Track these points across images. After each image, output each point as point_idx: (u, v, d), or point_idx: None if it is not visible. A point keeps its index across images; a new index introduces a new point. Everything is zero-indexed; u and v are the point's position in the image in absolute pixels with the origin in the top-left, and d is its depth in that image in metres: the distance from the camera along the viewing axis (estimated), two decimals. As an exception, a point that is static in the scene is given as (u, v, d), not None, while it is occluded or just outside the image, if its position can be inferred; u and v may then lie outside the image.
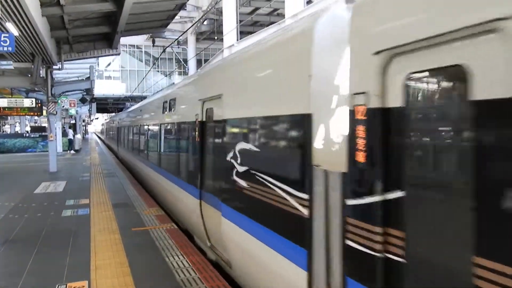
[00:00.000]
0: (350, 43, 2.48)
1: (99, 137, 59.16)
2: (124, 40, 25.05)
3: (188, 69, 32.82)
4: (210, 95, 5.40)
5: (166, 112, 8.71)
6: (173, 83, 9.57)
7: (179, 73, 44.90)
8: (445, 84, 1.96)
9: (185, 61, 37.38)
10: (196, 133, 5.98)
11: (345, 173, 2.46)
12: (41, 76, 15.35)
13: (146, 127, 11.58)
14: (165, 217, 7.62)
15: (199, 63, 34.76)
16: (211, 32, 35.61)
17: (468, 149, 1.75)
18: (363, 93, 2.29)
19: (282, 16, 27.53)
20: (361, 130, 2.32)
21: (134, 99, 31.19)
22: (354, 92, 2.39)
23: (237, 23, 21.14)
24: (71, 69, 24.81)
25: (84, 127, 57.77)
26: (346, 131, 2.46)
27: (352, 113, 2.39)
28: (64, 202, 9.20)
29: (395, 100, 2.13)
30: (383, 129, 2.18)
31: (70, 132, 30.67)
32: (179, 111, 7.63)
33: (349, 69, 2.47)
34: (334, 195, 2.58)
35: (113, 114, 38.98)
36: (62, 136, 27.92)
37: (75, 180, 13.08)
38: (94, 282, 4.51)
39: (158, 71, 47.66)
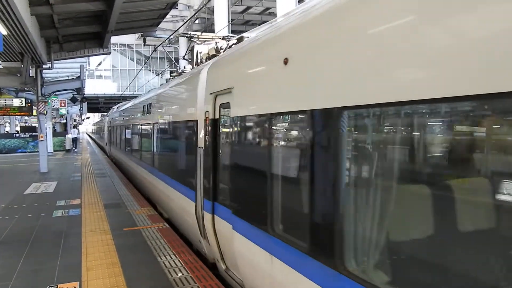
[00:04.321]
0: None
1: (94, 141, 46.42)
2: (115, 39, 24.91)
3: (179, 68, 32.73)
4: None
5: None
6: None
7: (171, 72, 44.74)
8: None
9: (177, 60, 37.24)
10: None
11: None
12: (30, 75, 15.19)
13: None
14: (156, 216, 7.60)
15: (190, 62, 34.61)
16: (202, 31, 35.54)
17: None
18: None
19: (274, 15, 27.55)
20: None
21: (126, 98, 30.85)
22: None
23: (228, 22, 21.12)
24: (61, 69, 24.57)
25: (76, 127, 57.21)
26: None
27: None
28: (55, 203, 9.13)
29: None
30: None
31: (75, 131, 30.78)
32: None
33: None
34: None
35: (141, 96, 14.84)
36: (65, 135, 27.98)
37: (66, 180, 12.98)
38: (85, 283, 4.49)
39: (150, 70, 47.44)
